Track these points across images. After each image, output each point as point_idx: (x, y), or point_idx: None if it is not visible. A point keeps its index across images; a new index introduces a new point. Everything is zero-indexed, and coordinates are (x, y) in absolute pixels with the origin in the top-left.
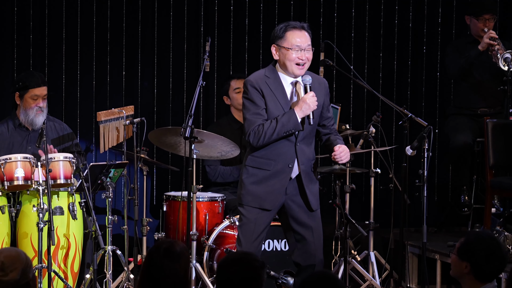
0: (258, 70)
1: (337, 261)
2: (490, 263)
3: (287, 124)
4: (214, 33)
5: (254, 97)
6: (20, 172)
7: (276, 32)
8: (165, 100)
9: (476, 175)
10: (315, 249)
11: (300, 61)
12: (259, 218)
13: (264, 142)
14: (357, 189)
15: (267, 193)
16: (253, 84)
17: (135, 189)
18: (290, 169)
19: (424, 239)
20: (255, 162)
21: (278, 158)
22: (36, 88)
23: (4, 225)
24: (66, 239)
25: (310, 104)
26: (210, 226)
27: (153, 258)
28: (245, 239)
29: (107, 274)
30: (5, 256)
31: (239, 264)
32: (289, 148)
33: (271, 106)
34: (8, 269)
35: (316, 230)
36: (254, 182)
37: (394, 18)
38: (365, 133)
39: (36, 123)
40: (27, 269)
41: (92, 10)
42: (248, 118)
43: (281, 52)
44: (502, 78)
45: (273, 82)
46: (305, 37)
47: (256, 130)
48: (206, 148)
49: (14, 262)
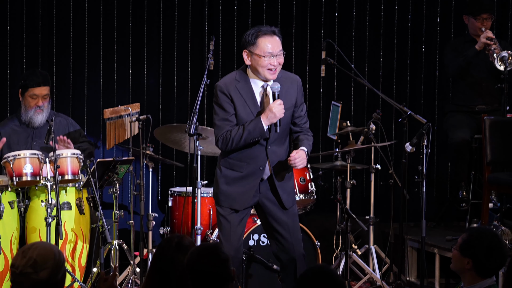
0: (229, 74)
1: (338, 255)
2: (491, 259)
3: (253, 132)
4: (218, 33)
5: (223, 103)
6: (29, 168)
7: (248, 38)
8: (170, 98)
9: (474, 171)
10: (292, 244)
11: (272, 67)
12: (232, 217)
13: (233, 148)
14: (358, 184)
15: (238, 194)
16: (222, 90)
17: (141, 185)
18: (261, 171)
19: (423, 233)
20: (228, 164)
21: (249, 160)
22: (36, 87)
23: (13, 220)
24: (74, 233)
25: (276, 113)
26: (214, 221)
27: (164, 252)
28: (224, 236)
29: (114, 268)
30: (39, 254)
31: (207, 254)
32: (260, 151)
33: (241, 110)
34: (39, 268)
35: (292, 226)
36: (226, 182)
37: (393, 18)
38: (366, 130)
39: (35, 122)
40: (58, 269)
41: (99, 10)
42: (217, 124)
43: (253, 58)
44: (499, 76)
45: (243, 86)
46: (276, 43)
47: (224, 136)
48: (210, 144)
49: (46, 260)
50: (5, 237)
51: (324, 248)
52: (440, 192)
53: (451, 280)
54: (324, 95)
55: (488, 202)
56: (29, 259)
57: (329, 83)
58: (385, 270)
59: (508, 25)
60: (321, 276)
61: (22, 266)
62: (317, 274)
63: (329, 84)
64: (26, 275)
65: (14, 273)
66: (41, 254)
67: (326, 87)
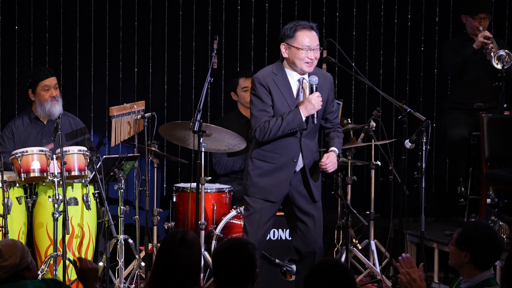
0: (266, 67)
1: (339, 250)
2: (487, 251)
3: (292, 122)
4: (221, 32)
5: (261, 94)
6: (36, 165)
7: (286, 31)
8: (174, 96)
9: (472, 167)
10: (316, 237)
11: (310, 60)
12: (264, 208)
13: (270, 138)
14: (358, 180)
15: (272, 186)
16: (261, 81)
17: (146, 181)
18: (294, 163)
19: (422, 228)
20: (260, 155)
21: (283, 152)
22: (45, 79)
23: (21, 215)
24: (80, 228)
25: (315, 104)
26: (218, 216)
27: (168, 247)
28: (251, 228)
29: (119, 262)
30: (2, 245)
31: (232, 250)
32: (294, 143)
33: (278, 102)
34: (7, 255)
35: (318, 219)
36: (259, 174)
37: (393, 18)
38: (366, 127)
39: (54, 113)
40: (25, 254)
41: (105, 9)
42: (254, 115)
43: (290, 50)
44: (497, 75)
45: (280, 79)
46: (314, 37)
47: (262, 126)
48: (214, 141)
49: (11, 248)
50: (13, 232)
51: (326, 242)
52: (439, 188)
53: (449, 274)
54: None
55: (486, 197)
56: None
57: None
58: (385, 264)
59: (505, 25)
60: (333, 270)
61: None
62: (330, 267)
63: None
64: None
65: None
66: (4, 245)
67: None
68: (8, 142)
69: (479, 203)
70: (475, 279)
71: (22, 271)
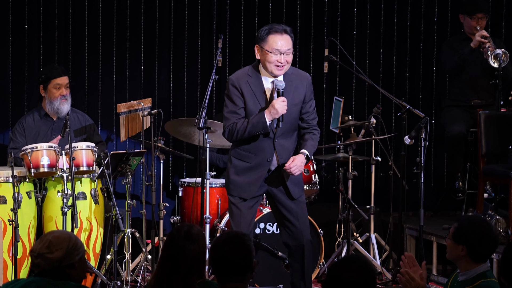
0: (242, 68)
1: (340, 243)
2: (483, 244)
3: (256, 125)
4: (226, 31)
5: (233, 96)
6: (46, 160)
7: (260, 34)
8: (180, 93)
9: (469, 162)
10: (301, 231)
11: (279, 63)
12: (242, 205)
13: (237, 139)
14: (359, 175)
15: (246, 184)
16: (234, 83)
17: (152, 176)
18: (268, 163)
19: (421, 222)
20: (238, 154)
21: (257, 152)
22: (58, 77)
23: (31, 209)
24: (89, 222)
25: (278, 109)
26: (222, 210)
27: (174, 240)
28: (235, 224)
29: (127, 255)
30: (54, 236)
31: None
32: (268, 144)
33: (250, 104)
34: (54, 248)
35: (301, 214)
36: (235, 172)
37: (393, 17)
38: (367, 124)
39: (62, 111)
40: (73, 251)
41: (112, 9)
42: (225, 116)
43: (262, 53)
44: (494, 73)
45: (254, 81)
46: (285, 41)
47: (231, 127)
48: (218, 137)
49: (61, 242)
50: (23, 226)
51: (327, 236)
52: (437, 183)
53: (448, 267)
54: (327, 91)
55: (483, 192)
56: (45, 242)
57: (332, 79)
58: (385, 257)
59: (502, 24)
60: (360, 264)
61: (39, 249)
62: (358, 261)
63: (331, 80)
64: (42, 256)
65: (33, 256)
66: (56, 237)
67: (329, 83)
68: (20, 138)
69: (476, 197)
70: (472, 272)
71: (66, 267)
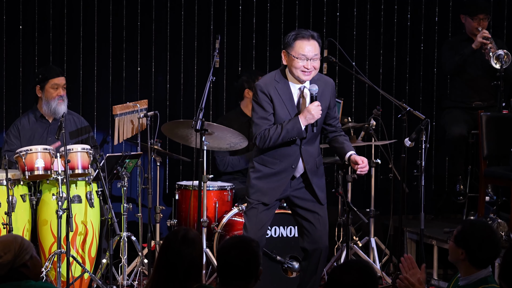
0: (269, 73)
1: (339, 247)
2: (482, 250)
3: (291, 131)
4: (223, 31)
5: (263, 102)
6: (40, 163)
7: (287, 39)
8: (177, 95)
9: (470, 165)
10: (321, 235)
11: (306, 69)
12: (260, 209)
13: (270, 145)
14: (359, 178)
15: (269, 189)
16: (262, 89)
17: (149, 179)
18: (293, 169)
19: (421, 225)
20: (261, 160)
21: (283, 158)
22: (56, 78)
23: (25, 213)
24: (84, 225)
25: (314, 114)
26: (219, 214)
27: (170, 244)
28: (251, 227)
29: (122, 259)
30: (1, 241)
31: (237, 247)
32: (294, 150)
33: (279, 110)
34: (2, 252)
35: (323, 218)
36: (257, 177)
37: (393, 17)
38: (366, 126)
39: (59, 112)
40: (22, 251)
41: (108, 9)
42: (256, 122)
43: (289, 58)
44: (495, 74)
45: (281, 86)
46: (312, 47)
47: (263, 134)
48: (215, 139)
49: (7, 245)
50: (17, 229)
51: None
52: (438, 185)
53: (448, 271)
54: None
55: (485, 195)
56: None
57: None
58: (385, 261)
59: (503, 25)
60: (362, 269)
61: None
62: (360, 267)
63: None
64: None
65: None
66: (1, 241)
67: None
68: (14, 140)
69: (477, 200)
70: (473, 277)
71: (19, 268)
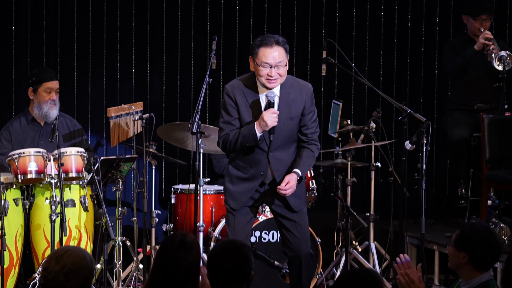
0: (239, 77)
1: (339, 252)
2: (485, 251)
3: (247, 137)
4: (220, 32)
5: (227, 106)
6: (33, 166)
7: (252, 46)
8: (173, 97)
9: (472, 168)
10: (299, 243)
11: (270, 77)
12: (236, 213)
13: (231, 150)
14: (358, 182)
15: (236, 193)
16: (228, 92)
17: (144, 182)
18: (262, 176)
19: (422, 230)
20: (235, 164)
21: (252, 164)
22: (49, 81)
23: (18, 217)
24: (78, 230)
25: (267, 121)
26: (216, 218)
27: (167, 249)
28: (230, 232)
29: (117, 264)
30: (72, 263)
31: (227, 252)
32: (262, 157)
33: (244, 114)
34: (73, 277)
35: (301, 226)
36: (229, 180)
37: (393, 18)
38: (366, 128)
39: (50, 116)
40: (89, 278)
41: (102, 9)
42: (220, 126)
43: (254, 66)
44: (497, 76)
45: (249, 91)
46: (275, 54)
47: (224, 138)
48: (212, 142)
49: (80, 270)
50: (10, 234)
51: (325, 244)
52: (439, 189)
53: (450, 276)
54: (325, 94)
55: (487, 199)
56: (63, 266)
57: (330, 82)
58: (385, 267)
59: (506, 25)
60: (367, 278)
61: (55, 273)
62: (363, 275)
63: (330, 83)
64: (58, 282)
65: (46, 278)
66: (75, 263)
67: (327, 86)
68: (6, 144)
69: (479, 204)
70: (475, 281)
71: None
